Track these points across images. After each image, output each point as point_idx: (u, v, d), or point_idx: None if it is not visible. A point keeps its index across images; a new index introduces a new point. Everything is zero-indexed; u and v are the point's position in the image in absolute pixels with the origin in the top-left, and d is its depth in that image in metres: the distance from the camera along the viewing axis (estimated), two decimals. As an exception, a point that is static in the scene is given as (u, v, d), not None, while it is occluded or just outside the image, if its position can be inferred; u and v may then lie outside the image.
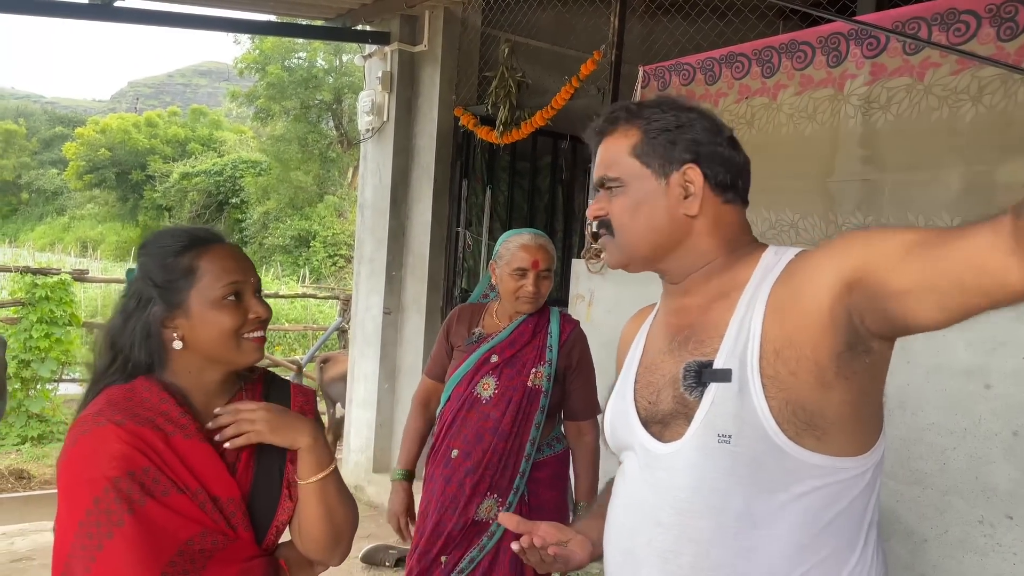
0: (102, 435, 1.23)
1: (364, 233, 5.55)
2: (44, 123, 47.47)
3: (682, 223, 1.18)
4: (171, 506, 1.23)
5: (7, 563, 3.86)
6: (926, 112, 2.85)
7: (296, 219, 23.58)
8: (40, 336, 7.58)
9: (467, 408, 2.43)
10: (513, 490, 2.42)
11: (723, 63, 3.58)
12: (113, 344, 1.35)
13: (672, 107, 1.21)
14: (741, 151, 1.22)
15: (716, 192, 1.18)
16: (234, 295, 1.34)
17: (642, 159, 1.19)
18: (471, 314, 2.60)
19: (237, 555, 1.28)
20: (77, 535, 1.19)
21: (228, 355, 1.35)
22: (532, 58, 5.05)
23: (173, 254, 1.34)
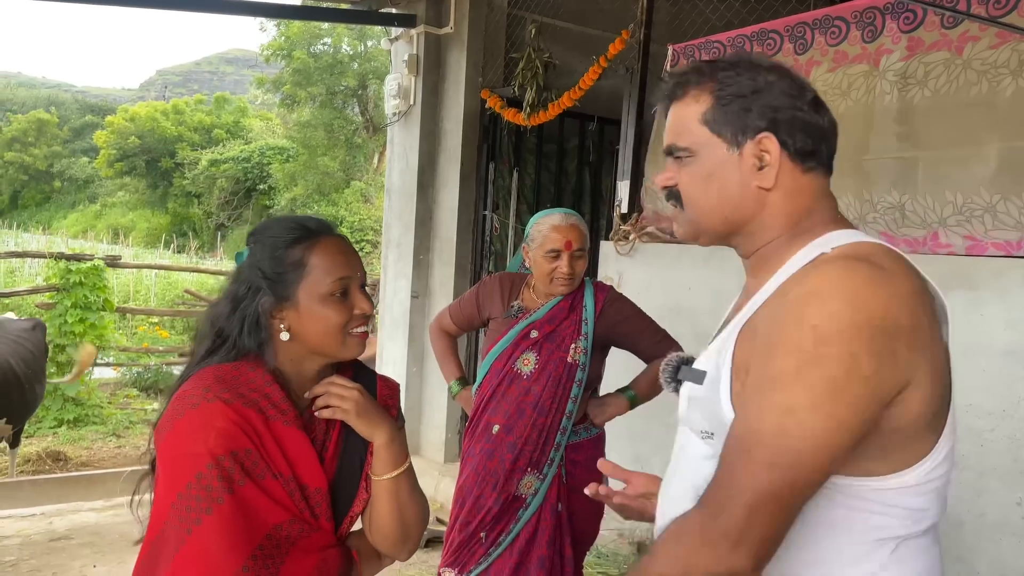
0: (210, 411, 1.24)
1: (391, 217, 5.56)
2: (75, 112, 48.10)
3: (756, 196, 1.11)
4: (265, 490, 1.25)
5: (46, 542, 3.94)
6: (964, 87, 2.78)
7: (323, 205, 23.68)
8: (75, 321, 7.70)
9: (507, 383, 2.44)
10: (548, 462, 2.43)
11: (754, 40, 3.53)
12: (220, 330, 1.36)
13: (749, 68, 1.11)
14: (826, 113, 1.12)
15: (795, 161, 1.10)
16: (341, 291, 1.35)
17: (713, 127, 1.11)
18: (511, 284, 2.59)
19: (317, 544, 1.31)
20: (175, 506, 1.21)
21: (332, 349, 1.36)
22: (559, 39, 5.01)
23: (284, 246, 1.34)
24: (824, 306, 0.95)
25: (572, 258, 2.41)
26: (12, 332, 5.83)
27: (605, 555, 3.73)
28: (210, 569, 1.19)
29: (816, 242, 1.07)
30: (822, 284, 0.98)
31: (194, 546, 1.19)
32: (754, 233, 1.13)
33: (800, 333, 0.95)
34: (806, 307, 0.96)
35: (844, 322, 0.93)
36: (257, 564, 1.21)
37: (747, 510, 0.94)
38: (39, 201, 40.16)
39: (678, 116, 1.15)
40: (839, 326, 0.93)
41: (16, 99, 51.41)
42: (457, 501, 2.52)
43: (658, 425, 3.75)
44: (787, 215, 1.11)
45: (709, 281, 3.60)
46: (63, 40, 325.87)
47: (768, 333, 1.00)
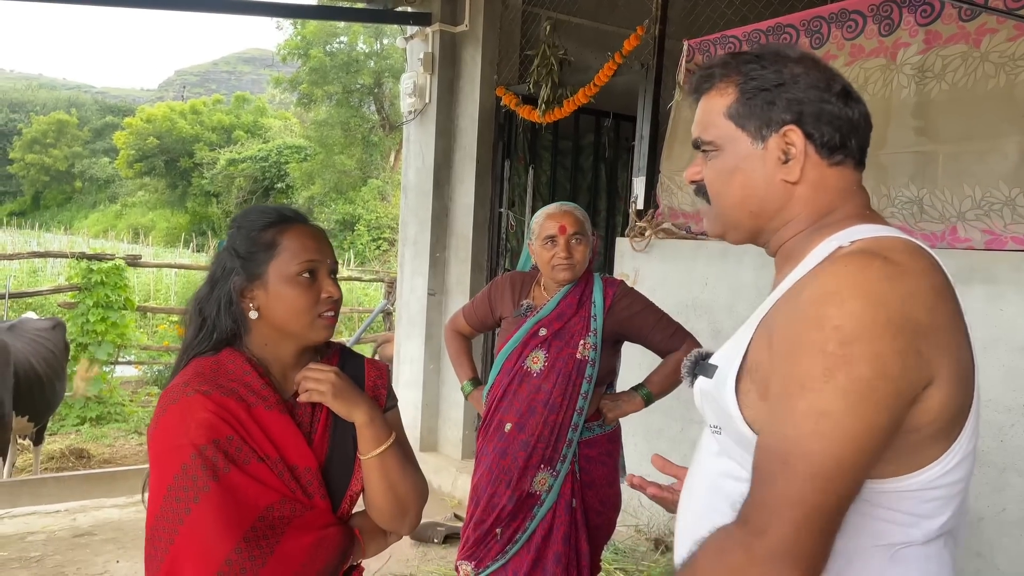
0: (190, 404, 1.30)
1: (408, 215, 5.58)
2: (95, 113, 48.63)
3: (781, 190, 1.08)
4: (252, 474, 1.29)
5: (70, 538, 4.00)
6: (982, 80, 2.76)
7: (340, 203, 23.82)
8: (96, 320, 7.80)
9: (518, 382, 2.45)
10: (561, 459, 2.44)
11: (770, 35, 3.51)
12: (200, 311, 1.42)
13: (774, 61, 1.09)
14: (856, 104, 1.09)
15: (822, 154, 1.07)
16: (309, 273, 1.40)
17: (737, 121, 1.09)
18: (521, 283, 2.60)
19: (314, 522, 1.34)
20: (166, 499, 1.26)
21: (299, 330, 1.40)
22: (574, 35, 5.01)
23: (258, 228, 1.41)
24: (844, 305, 0.92)
25: (569, 243, 2.41)
26: (33, 332, 5.92)
27: (622, 551, 3.74)
28: (205, 554, 1.23)
29: (837, 235, 1.05)
30: (838, 282, 0.95)
31: (187, 534, 1.24)
32: (779, 228, 1.12)
33: (823, 334, 0.92)
34: (825, 307, 0.93)
35: (866, 321, 0.90)
36: (250, 545, 1.25)
37: (794, 526, 0.90)
38: (60, 201, 40.66)
39: (704, 110, 1.14)
40: (862, 325, 0.90)
41: (37, 101, 52.02)
42: (472, 499, 2.53)
43: (674, 422, 3.75)
44: (812, 209, 1.09)
45: (726, 276, 3.59)
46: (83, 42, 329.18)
47: (786, 336, 0.97)
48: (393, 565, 3.79)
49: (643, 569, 3.61)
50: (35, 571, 3.60)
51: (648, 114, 4.04)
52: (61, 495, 4.86)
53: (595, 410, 2.49)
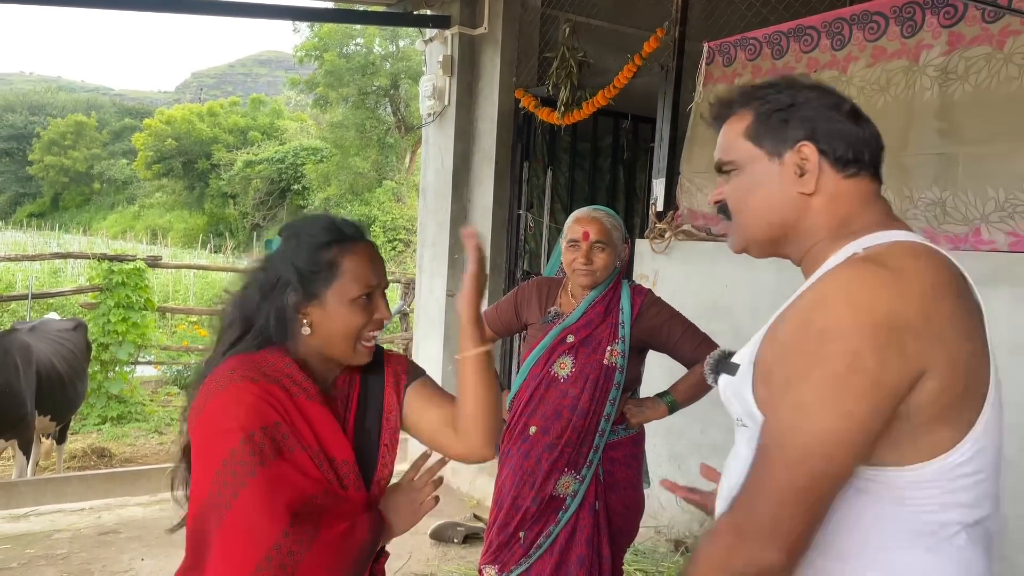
0: (238, 389, 1.32)
1: (427, 217, 5.61)
2: (113, 115, 49.08)
3: (798, 202, 1.16)
4: (296, 463, 1.32)
5: (95, 536, 4.05)
6: (1006, 82, 2.75)
7: (356, 205, 23.90)
8: (117, 320, 7.87)
9: (544, 387, 2.46)
10: (587, 464, 2.45)
11: (791, 36, 3.51)
12: (247, 318, 1.43)
13: (788, 87, 1.19)
14: (867, 123, 1.18)
15: (836, 168, 1.15)
16: (367, 296, 1.43)
17: (755, 140, 1.18)
18: (548, 289, 2.60)
19: (346, 512, 1.38)
20: (214, 483, 1.27)
21: (344, 352, 1.44)
22: (593, 37, 5.02)
23: (319, 247, 1.41)
24: (828, 310, 1.01)
25: (590, 249, 2.41)
26: (54, 332, 5.99)
27: (642, 552, 3.74)
28: (253, 539, 1.25)
29: (855, 243, 1.12)
30: (828, 288, 1.04)
31: (235, 519, 1.25)
32: (798, 238, 1.18)
33: (807, 336, 1.01)
34: (813, 312, 1.03)
35: (846, 323, 0.99)
36: (297, 531, 1.27)
37: (775, 506, 0.99)
38: (79, 203, 41.03)
39: (725, 134, 1.23)
40: (841, 327, 0.99)
41: (57, 103, 52.52)
42: (496, 502, 2.54)
43: (695, 423, 3.75)
44: (829, 219, 1.15)
45: (746, 279, 3.59)
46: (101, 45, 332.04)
47: (782, 338, 1.06)
48: (414, 565, 3.81)
49: (663, 570, 3.62)
50: (62, 568, 3.65)
51: (668, 116, 4.05)
52: (85, 494, 4.92)
53: (620, 414, 2.50)
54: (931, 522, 1.05)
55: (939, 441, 1.03)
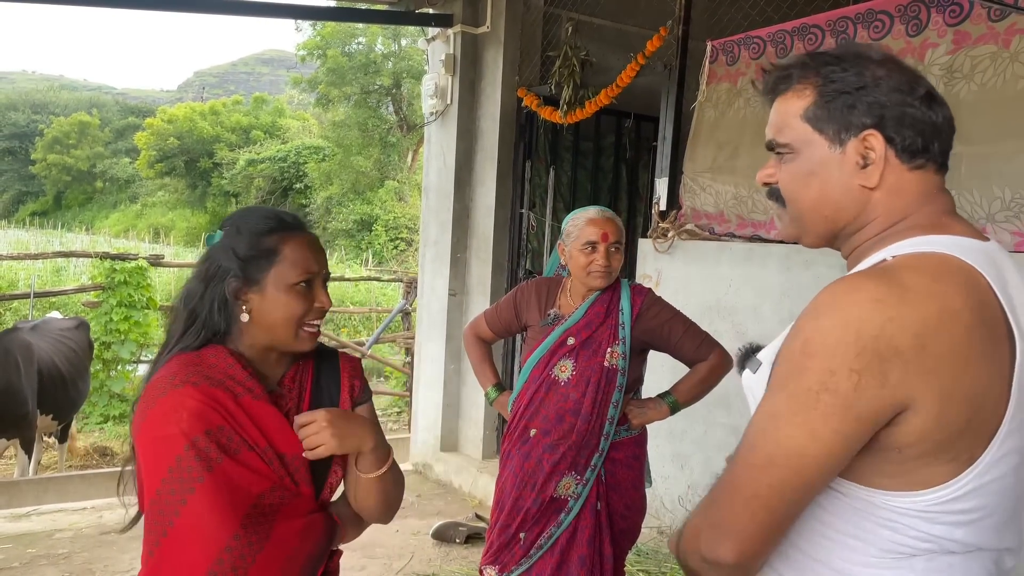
0: (179, 395, 1.31)
1: (429, 216, 5.60)
2: (116, 113, 49.10)
3: (859, 195, 1.06)
4: (244, 462, 1.32)
5: (97, 535, 4.04)
6: (1011, 81, 2.73)
7: (358, 203, 23.92)
8: (120, 319, 7.89)
9: (545, 390, 2.44)
10: (591, 467, 2.44)
11: (795, 35, 3.49)
12: (191, 311, 1.43)
13: (855, 62, 1.06)
14: (940, 107, 1.06)
15: (903, 159, 1.05)
16: (306, 283, 1.43)
17: (815, 124, 1.07)
18: (547, 291, 2.58)
19: (300, 510, 1.38)
20: (160, 492, 1.27)
21: (285, 339, 1.44)
22: (595, 36, 5.00)
23: (261, 233, 1.42)
24: (817, 321, 0.96)
25: (608, 251, 2.40)
26: (56, 331, 5.99)
27: (645, 552, 3.73)
28: (204, 541, 1.26)
29: (894, 246, 1.04)
30: (824, 299, 0.97)
31: (185, 525, 1.26)
32: (855, 232, 1.10)
33: (795, 344, 0.98)
34: (806, 320, 0.98)
35: (830, 338, 0.94)
36: (248, 531, 1.28)
37: (732, 506, 0.99)
38: (82, 201, 41.06)
39: (780, 111, 1.11)
40: (824, 341, 0.94)
41: (59, 102, 52.56)
42: (497, 503, 2.53)
43: (697, 424, 3.74)
44: (888, 214, 1.07)
45: (750, 278, 3.58)
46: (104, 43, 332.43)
47: (783, 342, 1.03)
48: (416, 565, 3.81)
49: (666, 571, 3.60)
50: (63, 568, 3.64)
51: (671, 115, 4.03)
52: (87, 492, 4.92)
53: (622, 415, 2.49)
54: (920, 548, 1.00)
55: (935, 475, 0.97)
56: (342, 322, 12.59)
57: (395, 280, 13.81)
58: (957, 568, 1.01)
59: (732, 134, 3.73)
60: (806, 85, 1.08)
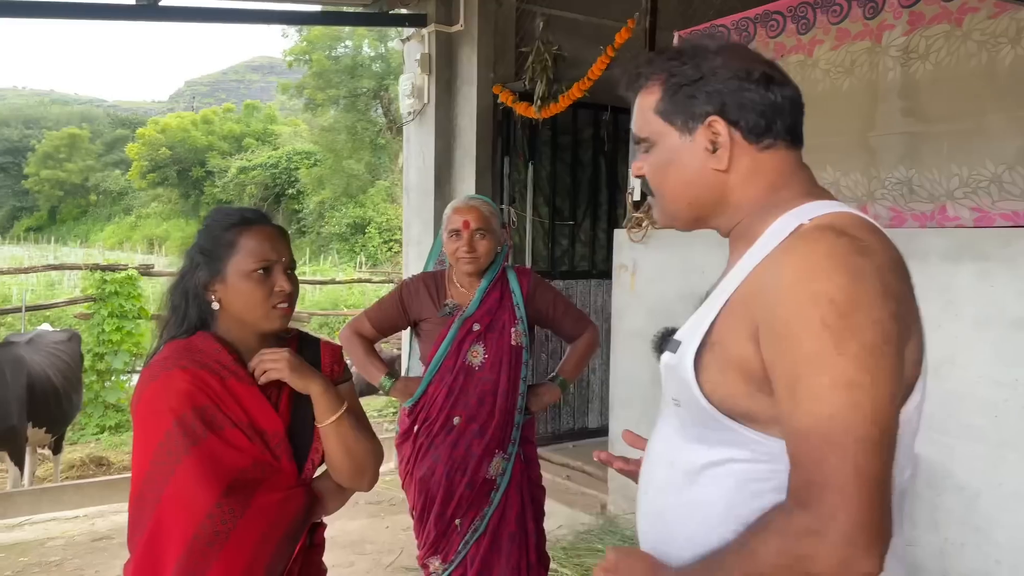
0: (170, 377, 1.46)
1: (411, 216, 5.64)
2: (107, 126, 49.07)
3: (714, 178, 1.12)
4: (227, 439, 1.45)
5: (89, 542, 4.08)
6: (965, 59, 2.78)
7: (351, 207, 23.96)
8: (112, 329, 7.91)
9: (463, 377, 2.52)
10: (511, 442, 2.56)
11: (758, 22, 3.54)
12: (174, 304, 1.58)
13: (694, 55, 1.13)
14: (780, 88, 1.11)
15: (751, 140, 1.10)
16: (263, 270, 1.54)
17: (665, 116, 1.13)
18: (435, 284, 2.64)
19: (281, 484, 1.50)
20: (152, 463, 1.43)
21: (255, 320, 1.56)
22: (568, 30, 5.04)
23: (221, 229, 1.56)
24: (831, 280, 0.95)
25: (472, 237, 2.49)
26: (50, 344, 6.02)
27: (630, 538, 3.78)
28: (189, 508, 1.39)
29: (792, 212, 1.08)
30: (817, 259, 0.98)
31: (172, 493, 1.40)
32: (723, 213, 1.15)
33: (820, 310, 0.94)
34: (813, 283, 0.96)
35: (857, 292, 0.94)
36: (229, 500, 1.40)
37: (865, 501, 0.90)
38: (76, 215, 41.07)
39: (638, 108, 1.18)
40: (854, 296, 0.94)
41: (50, 116, 52.58)
42: (423, 495, 2.55)
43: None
44: (754, 192, 1.12)
45: (721, 264, 3.61)
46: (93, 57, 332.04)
47: (780, 321, 0.98)
48: (405, 559, 3.84)
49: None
50: (55, 575, 3.68)
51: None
52: (81, 502, 4.95)
53: None
54: None
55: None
56: (336, 325, 12.62)
57: (386, 281, 13.87)
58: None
59: (701, 122, 3.77)
60: (654, 82, 1.15)
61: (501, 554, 2.53)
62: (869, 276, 0.96)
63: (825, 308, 0.94)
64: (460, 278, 2.59)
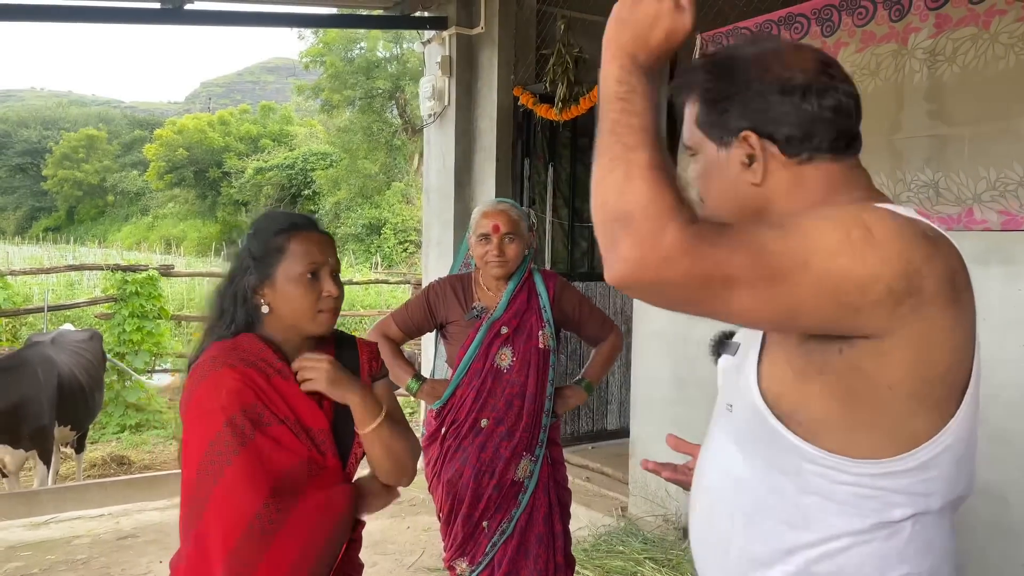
0: (219, 376, 1.49)
1: (431, 217, 5.66)
2: (124, 127, 49.46)
3: (751, 191, 1.10)
4: (275, 437, 1.49)
5: (114, 540, 4.13)
6: (992, 61, 2.77)
7: (366, 208, 24.02)
8: (132, 330, 7.99)
9: (491, 380, 2.53)
10: (539, 444, 2.58)
11: (781, 25, 3.53)
12: (220, 303, 1.62)
13: (728, 68, 1.11)
14: (818, 98, 1.07)
15: (788, 153, 1.08)
16: (312, 274, 1.57)
17: (703, 129, 1.14)
18: (462, 287, 2.66)
19: (326, 481, 1.54)
20: (201, 463, 1.46)
21: (302, 323, 1.59)
22: (588, 32, 5.04)
23: (271, 234, 1.60)
24: (881, 221, 0.95)
25: (501, 241, 2.52)
26: (72, 343, 6.08)
27: (653, 541, 3.78)
28: (239, 508, 1.43)
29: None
30: (875, 210, 0.99)
31: (221, 494, 1.44)
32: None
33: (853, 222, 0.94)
34: (862, 212, 0.97)
35: (895, 244, 0.93)
36: (276, 500, 1.44)
37: (732, 251, 0.91)
38: (94, 215, 41.43)
39: (686, 117, 1.19)
40: (889, 242, 0.93)
41: (68, 117, 53.01)
42: (450, 497, 2.56)
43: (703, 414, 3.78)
44: (800, 205, 1.08)
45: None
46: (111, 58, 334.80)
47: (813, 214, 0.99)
48: (427, 559, 3.87)
49: (672, 558, 3.65)
50: (81, 573, 3.73)
51: (664, 107, 4.05)
52: (104, 500, 5.00)
53: None
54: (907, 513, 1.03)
55: (922, 428, 1.00)
56: (353, 325, 12.67)
57: (403, 282, 13.90)
58: (934, 525, 1.06)
59: (724, 125, 3.77)
60: (692, 94, 1.16)
61: (529, 556, 2.55)
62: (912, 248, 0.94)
63: (860, 228, 0.93)
64: (487, 281, 2.61)
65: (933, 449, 1.01)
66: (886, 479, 1.01)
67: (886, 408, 1.00)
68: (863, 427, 1.01)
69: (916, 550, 1.04)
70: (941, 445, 1.01)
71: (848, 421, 1.01)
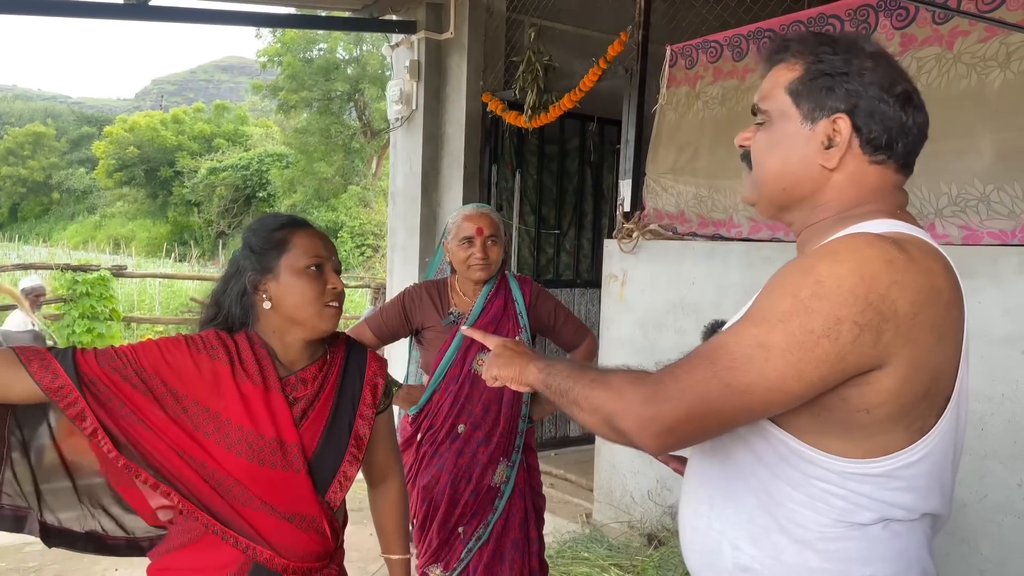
0: (165, 341, 1.51)
1: (397, 221, 5.64)
2: (71, 123, 48.15)
3: (816, 173, 1.12)
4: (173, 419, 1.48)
5: (68, 548, 4.01)
6: (955, 80, 2.86)
7: (323, 210, 23.77)
8: (83, 331, 7.79)
9: (469, 385, 2.53)
10: (515, 450, 2.59)
11: (750, 39, 3.60)
12: (217, 302, 1.59)
13: (847, 49, 1.11)
14: (915, 111, 1.11)
15: (866, 149, 1.10)
16: (316, 267, 1.55)
17: (795, 98, 1.12)
18: (438, 292, 2.65)
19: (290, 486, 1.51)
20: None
21: (307, 318, 1.54)
22: (558, 41, 5.09)
23: (272, 229, 1.57)
24: (833, 267, 0.99)
25: (485, 244, 2.53)
26: (14, 343, 5.91)
27: (617, 548, 3.80)
28: None
29: (863, 224, 1.09)
30: (842, 247, 1.01)
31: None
32: (807, 210, 1.15)
33: (802, 281, 1.00)
34: (819, 261, 1.01)
35: (845, 287, 0.97)
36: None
37: (688, 411, 1.01)
38: (38, 213, 40.21)
39: (770, 79, 1.17)
40: (838, 288, 0.97)
41: (13, 112, 51.52)
42: (425, 502, 2.56)
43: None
44: (843, 199, 1.12)
45: (712, 276, 3.67)
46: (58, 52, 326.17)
47: (777, 276, 1.05)
48: (390, 567, 3.83)
49: (636, 564, 3.68)
50: (34, 581, 3.61)
51: (633, 118, 4.12)
52: (55, 506, 4.86)
53: None
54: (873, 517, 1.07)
55: (893, 441, 1.04)
56: (309, 330, 12.54)
57: (362, 286, 13.78)
58: (904, 536, 1.09)
59: (692, 136, 3.83)
60: (798, 60, 1.14)
61: (504, 561, 2.55)
62: (873, 283, 0.97)
63: (808, 282, 0.99)
64: (464, 286, 2.61)
65: (902, 459, 1.05)
66: (852, 481, 1.05)
67: (858, 426, 1.04)
68: (833, 437, 1.05)
69: (883, 555, 1.08)
70: (914, 456, 1.05)
71: (819, 427, 1.05)
